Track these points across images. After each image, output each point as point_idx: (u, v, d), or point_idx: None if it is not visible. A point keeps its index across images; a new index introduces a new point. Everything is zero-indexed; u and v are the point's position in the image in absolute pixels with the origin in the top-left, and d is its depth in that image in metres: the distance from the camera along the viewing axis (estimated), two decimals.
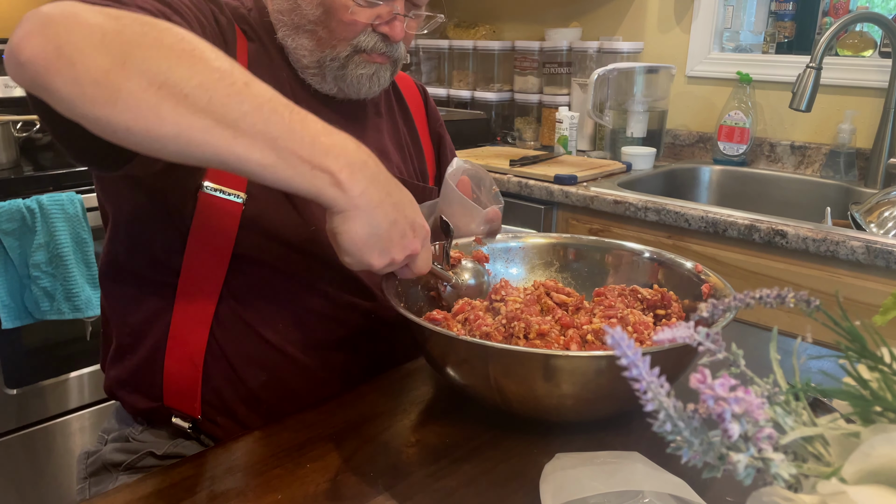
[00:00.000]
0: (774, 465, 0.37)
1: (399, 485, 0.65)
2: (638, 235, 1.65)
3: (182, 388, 0.87)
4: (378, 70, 0.92)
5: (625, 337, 0.37)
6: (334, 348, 0.91)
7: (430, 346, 0.73)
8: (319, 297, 0.89)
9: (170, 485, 0.65)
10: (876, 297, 1.34)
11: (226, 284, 0.86)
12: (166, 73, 0.58)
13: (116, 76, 0.58)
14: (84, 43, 0.58)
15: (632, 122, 2.06)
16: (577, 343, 0.76)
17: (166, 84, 0.58)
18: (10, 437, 1.66)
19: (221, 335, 0.87)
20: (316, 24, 0.87)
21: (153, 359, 0.88)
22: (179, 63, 0.59)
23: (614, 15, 2.29)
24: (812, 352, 0.85)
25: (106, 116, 0.58)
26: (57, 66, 0.57)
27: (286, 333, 0.88)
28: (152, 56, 0.59)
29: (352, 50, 0.89)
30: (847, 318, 0.41)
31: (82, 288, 1.62)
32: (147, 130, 0.59)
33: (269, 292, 0.87)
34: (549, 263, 0.97)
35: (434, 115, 1.15)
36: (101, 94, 0.58)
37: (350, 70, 0.90)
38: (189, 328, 0.86)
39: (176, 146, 0.60)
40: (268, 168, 0.62)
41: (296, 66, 0.92)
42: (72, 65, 0.57)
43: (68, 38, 0.58)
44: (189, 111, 0.59)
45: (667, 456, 0.41)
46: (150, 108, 0.58)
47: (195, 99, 0.59)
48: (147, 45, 0.59)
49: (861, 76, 1.85)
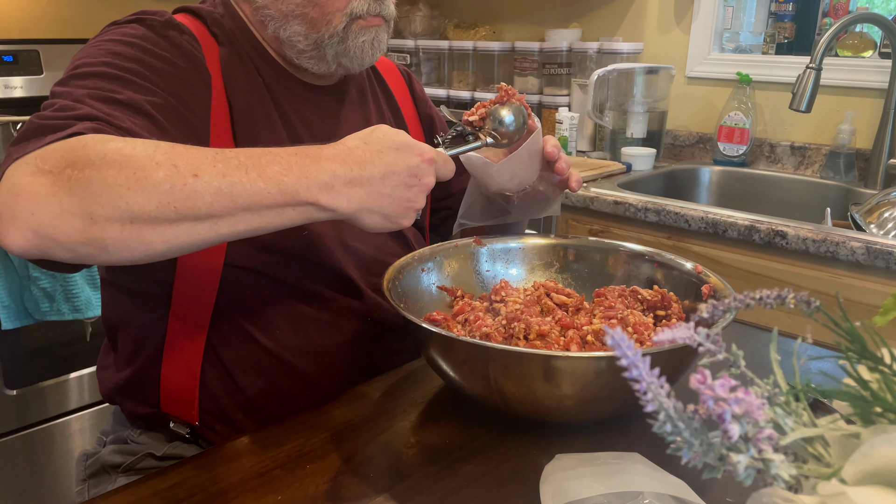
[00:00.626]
0: (774, 466, 0.37)
1: (399, 485, 0.65)
2: (638, 236, 1.65)
3: (179, 395, 0.87)
4: (377, 34, 0.91)
5: (625, 338, 0.37)
6: (332, 353, 0.90)
7: (430, 346, 0.73)
8: (315, 301, 0.89)
9: (170, 485, 0.65)
10: (876, 297, 1.34)
11: (221, 292, 0.85)
12: (127, 208, 0.63)
13: (93, 232, 0.64)
14: (51, 218, 0.63)
15: (632, 123, 2.06)
16: (578, 344, 0.76)
17: (135, 217, 0.63)
18: (10, 437, 1.66)
19: (218, 342, 0.86)
20: (304, 5, 0.87)
21: (150, 366, 0.88)
22: (132, 193, 0.63)
23: (614, 16, 2.29)
24: (812, 353, 0.85)
25: (107, 260, 0.66)
26: (47, 245, 0.63)
27: (283, 340, 0.88)
28: (107, 200, 0.63)
29: (348, 19, 0.88)
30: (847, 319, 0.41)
31: (82, 288, 1.62)
32: (145, 255, 0.66)
33: (265, 299, 0.87)
34: (549, 264, 0.96)
35: (421, 97, 1.13)
36: (92, 249, 0.64)
37: (350, 41, 0.89)
38: (185, 336, 0.86)
39: (173, 253, 0.67)
40: (260, 228, 0.68)
41: (290, 54, 0.91)
42: (54, 240, 0.63)
43: (36, 220, 0.63)
44: (166, 227, 0.64)
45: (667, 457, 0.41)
46: (135, 241, 0.64)
47: (165, 216, 0.64)
48: (97, 192, 0.63)
49: (861, 77, 1.85)
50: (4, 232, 0.63)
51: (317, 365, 0.89)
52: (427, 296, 0.89)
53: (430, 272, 0.90)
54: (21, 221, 0.63)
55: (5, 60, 1.97)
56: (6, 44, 2.00)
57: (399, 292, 0.82)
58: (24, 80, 2.00)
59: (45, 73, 2.02)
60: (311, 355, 0.89)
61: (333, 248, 0.90)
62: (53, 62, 2.03)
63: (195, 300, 0.85)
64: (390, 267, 0.84)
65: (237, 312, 0.86)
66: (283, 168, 0.67)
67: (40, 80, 2.02)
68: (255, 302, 0.87)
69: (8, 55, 1.98)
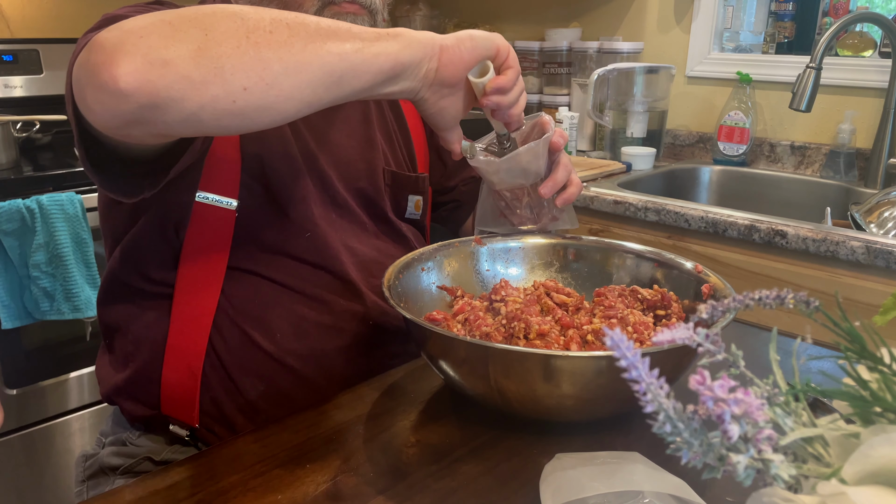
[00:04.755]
0: (774, 466, 0.37)
1: (399, 485, 0.65)
2: (638, 236, 1.65)
3: (180, 397, 0.87)
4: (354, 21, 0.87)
5: (624, 338, 0.37)
6: (333, 357, 0.90)
7: (430, 346, 0.73)
8: (317, 305, 0.89)
9: (169, 485, 0.65)
10: (876, 297, 1.34)
11: (223, 295, 0.85)
12: (243, 24, 0.61)
13: (210, 49, 0.59)
14: (161, 42, 0.58)
15: (632, 123, 2.06)
16: (578, 343, 0.76)
17: (252, 31, 0.61)
18: (10, 437, 1.66)
19: (220, 345, 0.86)
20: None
21: (151, 368, 0.88)
22: (244, 13, 0.62)
23: (614, 15, 2.29)
24: (812, 352, 0.85)
25: (223, 91, 0.60)
26: (158, 74, 0.58)
27: (284, 343, 0.88)
28: (220, 19, 0.61)
29: (320, 3, 0.85)
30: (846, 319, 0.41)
31: (82, 288, 1.62)
32: (261, 79, 0.61)
33: (267, 302, 0.87)
34: (548, 263, 0.96)
35: None
36: (207, 71, 0.59)
37: None
38: (186, 338, 0.86)
39: (289, 81, 0.63)
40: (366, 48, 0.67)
41: None
42: (167, 64, 0.58)
43: (147, 44, 0.58)
44: (281, 44, 0.62)
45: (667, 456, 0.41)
46: (251, 58, 0.61)
47: (278, 32, 0.62)
48: (207, 14, 0.61)
49: (861, 76, 1.85)
50: (114, 63, 0.57)
51: (318, 369, 0.89)
52: (427, 295, 0.89)
53: (430, 272, 0.90)
54: (131, 47, 0.57)
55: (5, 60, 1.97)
56: (6, 43, 2.00)
57: (399, 292, 0.82)
58: (24, 79, 2.00)
59: (45, 72, 2.02)
60: (313, 359, 0.89)
61: (336, 250, 0.90)
62: (53, 62, 2.03)
63: (197, 302, 0.85)
64: (390, 266, 0.84)
65: (239, 315, 0.86)
66: None
67: (40, 79, 2.02)
68: (257, 305, 0.87)
69: (8, 55, 1.98)
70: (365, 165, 0.97)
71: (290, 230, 0.87)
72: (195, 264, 0.84)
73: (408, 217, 1.03)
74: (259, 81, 0.61)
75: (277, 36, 0.62)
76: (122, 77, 0.57)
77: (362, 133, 0.99)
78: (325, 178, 0.92)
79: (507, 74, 0.77)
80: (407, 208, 1.03)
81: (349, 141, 0.97)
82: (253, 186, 0.85)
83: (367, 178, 0.97)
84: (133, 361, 0.89)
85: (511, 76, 0.78)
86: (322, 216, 0.90)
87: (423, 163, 1.10)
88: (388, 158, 1.01)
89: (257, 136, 0.85)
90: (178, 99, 0.59)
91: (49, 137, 1.93)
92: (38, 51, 2.02)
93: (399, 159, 1.04)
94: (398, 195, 1.02)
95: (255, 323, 0.87)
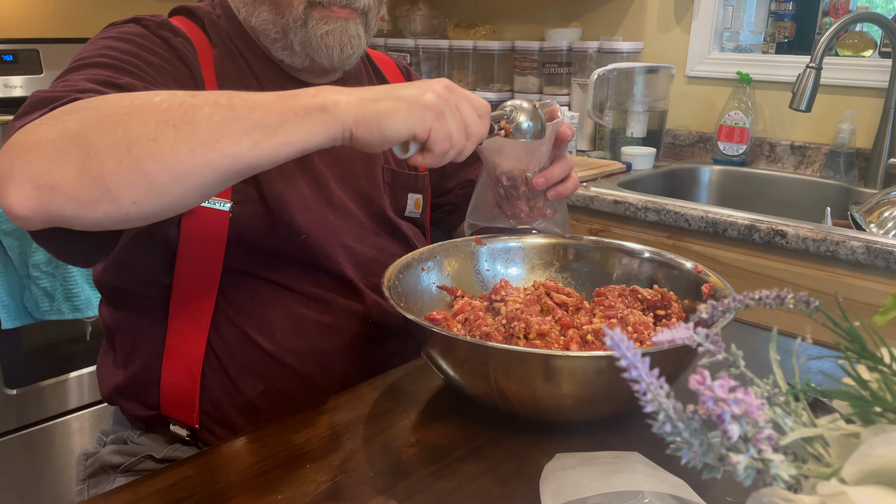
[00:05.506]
0: (774, 466, 0.37)
1: (399, 485, 0.65)
2: (638, 236, 1.65)
3: (180, 398, 0.87)
4: (345, 27, 0.86)
5: (624, 338, 0.37)
6: (332, 356, 0.90)
7: (430, 346, 0.73)
8: (316, 304, 0.89)
9: (170, 485, 0.65)
10: (876, 297, 1.34)
11: (221, 295, 0.85)
12: (124, 133, 0.59)
13: (91, 168, 0.58)
14: (46, 162, 0.59)
15: (632, 123, 2.06)
16: (578, 343, 0.76)
17: (133, 142, 0.59)
18: (10, 437, 1.66)
19: (219, 346, 0.86)
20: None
21: (150, 368, 0.88)
22: (129, 118, 0.59)
23: (614, 15, 2.29)
24: (812, 352, 0.85)
25: (115, 208, 0.60)
26: (48, 198, 0.59)
27: (283, 342, 0.88)
28: (103, 128, 0.59)
29: (306, 3, 0.84)
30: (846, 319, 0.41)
31: (82, 288, 1.62)
32: (149, 192, 0.59)
33: (265, 302, 0.87)
34: (549, 263, 0.96)
35: None
36: (93, 192, 0.59)
37: (311, 29, 0.85)
38: (185, 339, 0.86)
39: (180, 188, 0.60)
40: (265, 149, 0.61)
41: (265, 43, 0.90)
42: (54, 188, 0.58)
43: (33, 169, 0.59)
44: (166, 152, 0.59)
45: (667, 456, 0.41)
46: (137, 173, 0.59)
47: (164, 136, 0.59)
48: (92, 122, 0.59)
49: (861, 76, 1.85)
50: (5, 193, 0.59)
51: (317, 368, 0.89)
52: (427, 295, 0.89)
53: (430, 271, 0.90)
54: (18, 175, 0.58)
55: (5, 60, 1.97)
56: (6, 43, 2.00)
57: (399, 292, 0.82)
58: (23, 79, 2.00)
59: (44, 72, 2.02)
60: (312, 358, 0.89)
61: (332, 251, 0.90)
62: (53, 62, 2.03)
63: (195, 304, 0.85)
64: (390, 266, 0.84)
65: (237, 315, 0.86)
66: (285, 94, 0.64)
67: (40, 79, 2.02)
68: (256, 305, 0.87)
69: (8, 55, 1.98)
70: (363, 165, 0.97)
71: (284, 232, 0.87)
72: (191, 267, 0.84)
73: (407, 215, 1.03)
74: (147, 193, 0.60)
75: (162, 144, 0.59)
76: (17, 205, 0.59)
77: None
78: (321, 178, 0.92)
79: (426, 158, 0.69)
80: (406, 206, 1.03)
81: None
82: (245, 190, 0.85)
83: (366, 176, 0.97)
84: (133, 362, 0.89)
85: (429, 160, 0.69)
86: (317, 217, 0.90)
87: None
88: (388, 156, 1.01)
89: None
90: (73, 217, 0.60)
91: None
92: (38, 51, 2.02)
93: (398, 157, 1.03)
94: (398, 193, 1.02)
95: (254, 323, 0.87)
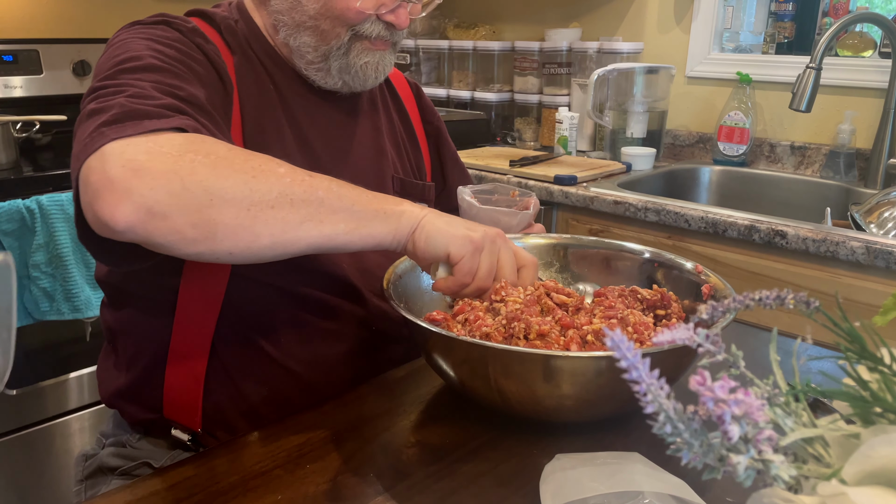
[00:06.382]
0: (774, 467, 0.37)
1: (399, 485, 0.65)
2: (638, 236, 1.65)
3: (183, 401, 0.87)
4: (382, 57, 0.92)
5: (624, 339, 0.37)
6: (336, 363, 0.90)
7: (430, 346, 0.73)
8: (320, 310, 0.89)
9: (169, 485, 0.65)
10: (876, 297, 1.34)
11: (227, 300, 0.85)
12: (250, 193, 0.64)
13: (209, 214, 0.63)
14: (169, 197, 0.62)
15: (632, 123, 2.06)
16: (577, 343, 0.76)
17: (254, 204, 0.65)
18: (10, 437, 1.66)
19: (223, 350, 0.86)
20: (317, 17, 0.87)
21: (154, 371, 0.88)
22: (256, 181, 0.65)
23: (614, 15, 2.29)
24: (812, 353, 0.85)
25: (209, 250, 0.65)
26: (155, 225, 0.62)
27: (288, 348, 0.88)
28: (232, 184, 0.64)
29: (352, 34, 0.88)
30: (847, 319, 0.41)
31: (82, 288, 1.62)
32: (248, 248, 0.66)
33: (270, 308, 0.87)
34: (549, 264, 0.96)
35: (428, 109, 1.14)
36: (200, 233, 0.64)
37: (353, 58, 0.89)
38: (190, 343, 0.86)
39: (273, 252, 0.68)
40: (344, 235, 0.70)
41: (299, 63, 0.91)
42: (166, 218, 0.62)
43: (153, 196, 0.62)
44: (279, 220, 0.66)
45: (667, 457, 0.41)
46: (245, 230, 0.65)
47: (280, 207, 0.66)
48: (223, 174, 0.64)
49: (861, 76, 1.85)
50: (114, 204, 0.61)
51: (321, 374, 0.89)
52: (427, 295, 0.89)
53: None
54: (137, 196, 0.62)
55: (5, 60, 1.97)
56: (6, 43, 2.00)
57: (399, 292, 0.82)
58: (23, 79, 2.00)
59: (44, 72, 2.02)
60: (316, 364, 0.89)
61: (339, 257, 0.90)
62: (53, 62, 2.03)
63: (201, 307, 0.85)
64: (390, 267, 0.84)
65: (243, 320, 0.86)
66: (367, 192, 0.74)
67: (40, 79, 2.02)
68: (261, 310, 0.87)
69: (8, 55, 1.98)
70: (374, 174, 0.98)
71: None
72: (199, 270, 0.84)
73: None
74: (245, 249, 0.66)
75: (277, 213, 0.66)
76: (120, 219, 0.62)
77: (372, 142, 0.99)
78: None
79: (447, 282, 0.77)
80: None
81: (359, 149, 0.98)
82: None
83: (377, 186, 0.98)
84: (136, 365, 0.89)
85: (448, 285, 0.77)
86: None
87: (430, 173, 1.11)
88: (397, 166, 1.02)
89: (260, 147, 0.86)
90: (166, 245, 0.64)
91: (49, 137, 1.92)
92: (37, 51, 2.01)
93: (407, 167, 1.05)
94: None
95: (259, 328, 0.87)
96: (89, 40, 2.13)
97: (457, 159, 1.17)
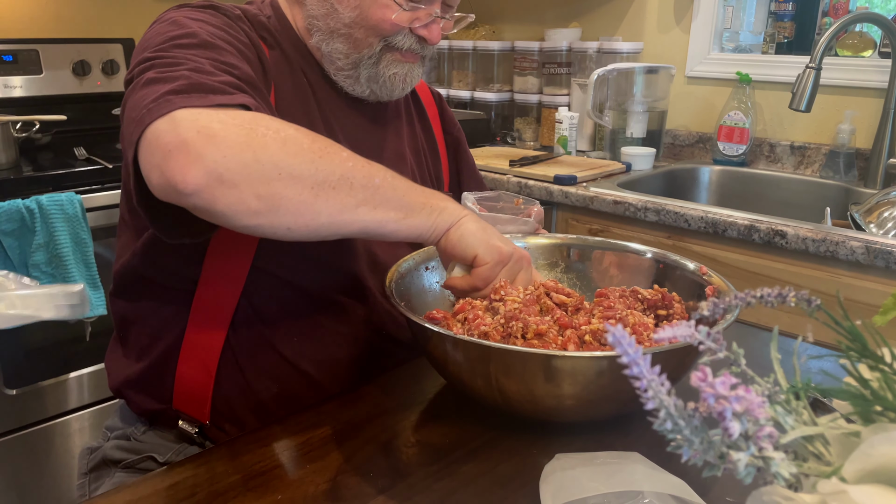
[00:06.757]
0: (775, 464, 0.37)
1: (399, 485, 0.65)
2: (638, 236, 1.65)
3: (193, 392, 0.87)
4: (410, 70, 0.93)
5: (625, 335, 0.37)
6: (345, 365, 0.91)
7: (431, 345, 0.73)
8: (335, 312, 0.89)
9: (170, 485, 0.65)
10: (876, 297, 1.34)
11: (244, 295, 0.85)
12: (316, 172, 0.67)
13: (276, 188, 0.65)
14: (241, 167, 0.64)
15: (631, 123, 2.06)
16: (575, 343, 0.76)
17: (319, 184, 0.67)
18: (10, 437, 1.66)
19: (237, 344, 0.86)
20: (351, 26, 0.88)
21: (166, 361, 0.88)
22: (323, 161, 0.68)
23: (614, 15, 2.29)
24: (813, 351, 0.85)
25: (269, 223, 0.67)
26: (222, 192, 0.64)
27: (301, 347, 0.88)
28: (301, 161, 0.67)
29: (384, 45, 0.89)
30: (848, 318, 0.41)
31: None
32: (306, 226, 0.69)
33: (287, 306, 0.87)
34: (553, 264, 0.97)
35: (449, 119, 1.15)
36: (264, 206, 0.65)
37: (382, 68, 0.91)
38: (205, 335, 0.86)
39: (328, 230, 0.71)
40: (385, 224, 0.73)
41: (329, 68, 0.92)
42: (234, 186, 0.64)
43: (225, 164, 0.64)
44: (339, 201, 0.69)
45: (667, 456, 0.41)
46: (308, 208, 0.67)
47: (340, 189, 0.69)
48: (293, 151, 0.67)
49: (861, 76, 1.85)
50: (186, 166, 0.63)
51: (330, 376, 0.89)
52: (430, 294, 0.89)
53: (434, 271, 0.90)
54: (210, 162, 0.63)
55: (5, 60, 1.97)
56: (6, 43, 2.00)
57: (402, 291, 0.82)
58: (23, 79, 2.00)
59: (44, 72, 2.02)
60: (326, 365, 0.89)
61: (357, 255, 0.91)
62: (53, 62, 2.03)
63: (219, 299, 0.85)
64: (393, 265, 0.84)
65: (258, 317, 0.86)
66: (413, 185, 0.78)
67: (40, 79, 2.02)
68: (277, 308, 0.87)
69: (8, 55, 1.98)
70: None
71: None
72: (220, 261, 0.84)
73: None
74: (303, 227, 0.69)
75: (338, 193, 0.69)
76: (189, 182, 0.63)
77: (393, 147, 1.00)
78: None
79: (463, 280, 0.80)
80: None
81: (381, 153, 0.99)
82: None
83: None
84: (148, 354, 0.89)
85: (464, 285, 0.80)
86: None
87: (447, 182, 1.12)
88: (415, 174, 1.03)
89: None
90: (228, 214, 0.66)
91: (49, 137, 1.92)
92: (37, 51, 2.01)
93: (426, 175, 1.06)
94: None
95: (275, 326, 0.87)
96: (89, 40, 2.13)
97: (474, 170, 1.18)
